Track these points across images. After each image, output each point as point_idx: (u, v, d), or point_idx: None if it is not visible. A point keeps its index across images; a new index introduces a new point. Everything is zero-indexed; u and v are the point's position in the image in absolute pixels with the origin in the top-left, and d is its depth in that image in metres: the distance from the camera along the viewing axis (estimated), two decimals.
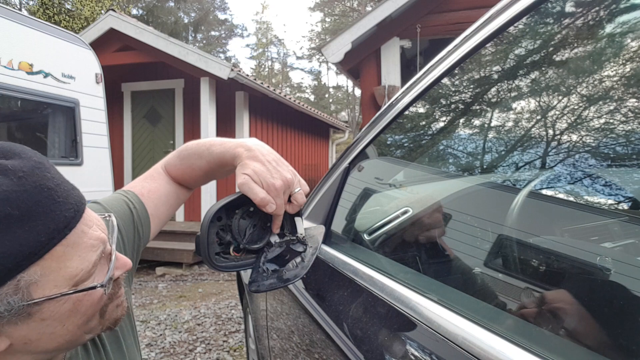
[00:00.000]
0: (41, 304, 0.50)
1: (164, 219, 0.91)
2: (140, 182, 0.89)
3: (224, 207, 0.78)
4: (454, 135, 0.90)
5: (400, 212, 0.95)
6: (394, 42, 5.95)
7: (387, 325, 0.73)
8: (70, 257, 0.52)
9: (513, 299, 0.59)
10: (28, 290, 0.49)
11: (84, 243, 0.53)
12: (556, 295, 0.53)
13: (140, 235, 0.84)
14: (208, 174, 0.87)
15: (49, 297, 0.50)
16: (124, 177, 7.79)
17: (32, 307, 0.50)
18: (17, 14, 4.13)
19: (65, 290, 0.51)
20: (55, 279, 0.51)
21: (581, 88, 0.59)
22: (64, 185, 0.53)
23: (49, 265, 0.50)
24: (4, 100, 3.93)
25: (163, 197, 0.88)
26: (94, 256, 0.54)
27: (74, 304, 0.53)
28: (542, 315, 0.52)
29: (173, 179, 0.91)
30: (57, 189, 0.51)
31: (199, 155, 0.85)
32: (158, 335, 3.73)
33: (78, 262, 0.52)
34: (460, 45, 0.81)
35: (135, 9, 21.37)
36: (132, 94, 7.85)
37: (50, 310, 0.52)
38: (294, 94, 31.63)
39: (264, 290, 0.73)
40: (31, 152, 0.53)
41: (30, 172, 0.49)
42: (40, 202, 0.49)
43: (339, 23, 27.85)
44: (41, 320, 0.51)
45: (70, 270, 0.52)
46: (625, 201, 0.50)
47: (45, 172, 0.51)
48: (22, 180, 0.48)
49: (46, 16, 12.36)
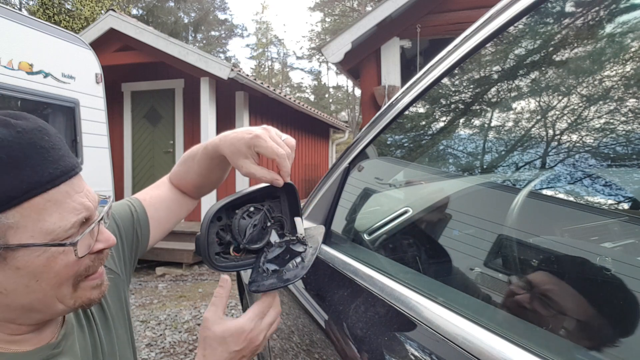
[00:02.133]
0: (16, 250, 0.54)
1: (165, 223, 0.94)
2: (147, 190, 0.95)
3: (224, 207, 0.78)
4: (454, 135, 0.90)
5: (400, 212, 0.95)
6: (394, 42, 5.95)
7: (387, 325, 0.73)
8: (50, 212, 0.55)
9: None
10: (5, 234, 0.53)
11: (67, 204, 0.57)
12: (556, 295, 0.53)
13: (139, 237, 0.88)
14: (201, 174, 0.90)
15: (23, 245, 0.54)
16: (124, 177, 7.79)
17: (7, 251, 0.54)
18: (17, 14, 4.13)
19: (39, 242, 0.55)
20: (33, 230, 0.55)
21: (581, 88, 0.59)
22: (60, 151, 0.58)
23: (28, 214, 0.54)
24: (4, 100, 3.93)
25: (164, 203, 0.93)
26: (74, 218, 0.57)
27: (48, 259, 0.56)
28: (542, 315, 0.52)
29: (176, 187, 0.96)
30: (50, 150, 0.56)
31: (192, 157, 0.89)
32: (158, 335, 3.73)
33: (57, 219, 0.56)
34: (460, 45, 0.81)
35: (135, 9, 21.37)
36: (132, 94, 7.85)
37: (25, 260, 0.55)
38: (294, 94, 31.63)
39: (263, 291, 0.73)
40: (40, 121, 0.58)
41: (29, 130, 0.55)
42: (30, 156, 0.54)
43: (339, 23, 27.86)
44: (16, 269, 0.55)
45: (48, 224, 0.55)
46: (625, 201, 0.50)
47: (44, 135, 0.56)
48: (19, 134, 0.54)
49: (46, 16, 12.35)
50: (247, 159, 0.76)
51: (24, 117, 0.57)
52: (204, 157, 0.86)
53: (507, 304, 0.58)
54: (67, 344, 0.67)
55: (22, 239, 0.54)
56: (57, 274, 0.58)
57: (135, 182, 7.82)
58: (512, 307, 0.57)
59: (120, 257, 0.84)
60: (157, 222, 0.91)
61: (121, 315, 0.83)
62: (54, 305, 0.61)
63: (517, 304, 0.56)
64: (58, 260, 0.57)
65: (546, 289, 0.54)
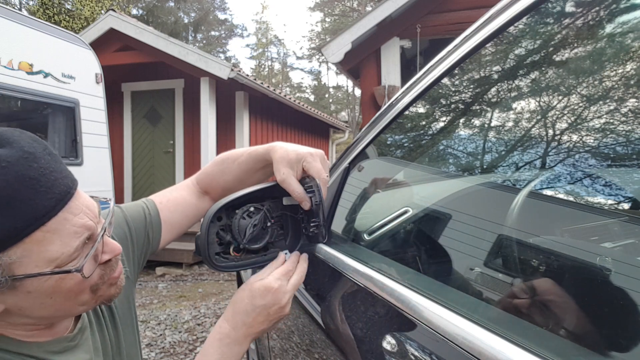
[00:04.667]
0: (23, 280, 0.55)
1: (178, 227, 0.94)
2: (166, 191, 0.95)
3: (224, 207, 0.78)
4: (454, 135, 0.90)
5: (400, 212, 0.95)
6: (394, 42, 5.95)
7: (387, 325, 0.73)
8: (50, 241, 0.55)
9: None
10: (9, 267, 0.54)
11: (66, 230, 0.57)
12: (556, 295, 0.53)
13: (150, 240, 0.88)
14: (238, 177, 0.91)
15: (28, 275, 0.55)
16: (124, 177, 7.79)
17: (15, 281, 0.55)
18: (17, 14, 4.13)
19: (45, 270, 0.56)
20: (37, 260, 0.55)
21: (581, 88, 0.59)
22: (52, 175, 0.56)
23: (29, 247, 0.54)
24: (4, 100, 3.93)
25: (180, 206, 0.93)
26: (76, 242, 0.58)
27: (56, 282, 0.57)
28: (542, 315, 0.52)
29: (202, 187, 0.95)
30: (40, 179, 0.54)
31: (232, 159, 0.90)
32: (158, 335, 3.73)
33: (59, 247, 0.56)
34: (460, 45, 0.81)
35: (135, 9, 21.37)
36: (132, 94, 7.85)
37: (34, 286, 0.56)
38: (294, 94, 31.62)
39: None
40: (25, 142, 0.55)
41: (14, 162, 0.53)
42: (19, 191, 0.52)
43: (339, 23, 27.84)
44: (27, 293, 0.56)
45: (51, 253, 0.56)
46: (625, 201, 0.50)
47: (32, 162, 0.54)
48: (4, 170, 0.52)
49: (46, 16, 12.35)
50: (291, 170, 0.78)
51: (6, 141, 0.54)
52: (249, 159, 0.86)
53: (507, 304, 0.58)
54: (82, 338, 0.70)
55: (28, 270, 0.55)
56: (70, 291, 0.59)
57: (135, 182, 7.82)
58: (512, 307, 0.57)
59: (129, 259, 0.85)
60: (170, 225, 0.91)
61: (128, 316, 0.84)
62: (75, 309, 0.63)
63: (517, 303, 0.56)
64: (67, 281, 0.58)
65: (546, 289, 0.54)
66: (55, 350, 0.64)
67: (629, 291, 0.45)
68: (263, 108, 8.21)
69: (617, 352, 0.43)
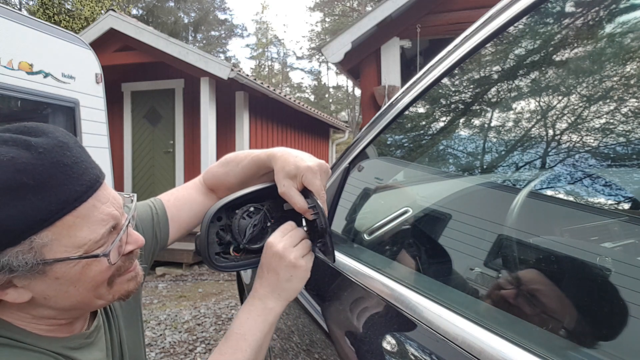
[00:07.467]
0: (52, 264, 0.58)
1: (185, 225, 0.95)
2: (173, 190, 0.97)
3: (224, 207, 0.78)
4: (454, 135, 0.90)
5: (400, 212, 0.95)
6: (394, 42, 5.94)
7: (387, 325, 0.73)
8: (79, 227, 0.58)
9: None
10: (41, 250, 0.56)
11: (95, 217, 0.60)
12: (556, 295, 0.53)
13: (158, 239, 0.90)
14: (242, 180, 0.91)
15: (58, 259, 0.58)
16: (124, 177, 7.79)
17: (45, 265, 0.57)
18: (17, 14, 4.13)
19: (73, 255, 0.58)
20: (66, 245, 0.58)
21: (581, 88, 0.59)
22: (83, 164, 0.59)
23: (59, 231, 0.57)
24: (4, 100, 3.93)
25: (187, 204, 0.94)
26: (103, 229, 0.60)
27: (83, 268, 0.60)
28: (542, 315, 0.52)
29: (209, 186, 0.96)
30: (73, 166, 0.58)
31: (237, 162, 0.90)
32: (158, 335, 3.73)
33: (87, 233, 0.59)
34: (460, 45, 0.81)
35: (135, 9, 21.36)
36: (132, 94, 7.84)
37: (62, 271, 0.59)
38: (294, 94, 31.61)
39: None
40: (59, 133, 0.60)
41: (50, 149, 0.56)
42: (54, 176, 0.55)
43: (339, 23, 27.83)
44: (55, 279, 0.59)
45: (79, 239, 0.58)
46: (625, 201, 0.50)
47: (66, 150, 0.58)
48: (41, 155, 0.55)
49: (46, 16, 12.35)
50: (291, 182, 0.77)
51: (42, 131, 0.58)
52: (252, 164, 0.87)
53: (507, 304, 0.58)
54: (97, 336, 0.72)
55: (57, 254, 0.58)
56: (93, 279, 0.62)
57: (135, 182, 7.82)
58: (512, 307, 0.57)
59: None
60: (177, 224, 0.92)
61: (135, 316, 0.86)
62: (93, 303, 0.65)
63: (517, 303, 0.56)
64: (92, 267, 0.61)
65: (546, 288, 0.54)
66: (72, 346, 0.66)
67: (629, 291, 0.45)
68: (263, 108, 8.20)
69: (617, 352, 0.43)
